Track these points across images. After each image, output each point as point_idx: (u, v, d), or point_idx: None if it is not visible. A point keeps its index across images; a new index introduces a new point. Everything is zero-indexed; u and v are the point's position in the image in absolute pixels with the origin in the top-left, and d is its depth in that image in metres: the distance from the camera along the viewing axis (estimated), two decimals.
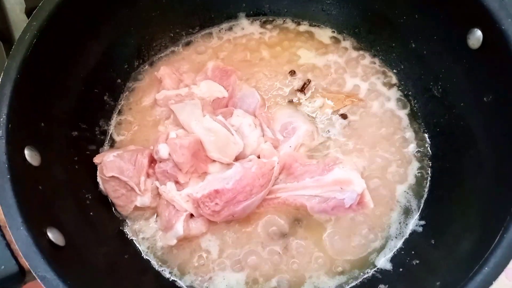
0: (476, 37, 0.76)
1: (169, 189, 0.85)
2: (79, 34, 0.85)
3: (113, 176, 0.85)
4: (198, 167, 0.85)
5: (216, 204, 0.82)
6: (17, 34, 1.06)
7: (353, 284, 0.84)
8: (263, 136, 0.92)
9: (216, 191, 0.81)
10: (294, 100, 0.99)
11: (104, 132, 0.96)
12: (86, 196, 0.85)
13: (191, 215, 0.85)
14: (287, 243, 0.86)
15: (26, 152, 0.71)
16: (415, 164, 0.93)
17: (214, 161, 0.87)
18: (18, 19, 1.10)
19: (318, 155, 0.93)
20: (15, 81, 0.71)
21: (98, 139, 0.94)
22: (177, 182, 0.86)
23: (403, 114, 0.97)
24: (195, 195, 0.83)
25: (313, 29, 1.06)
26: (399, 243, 0.86)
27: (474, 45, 0.77)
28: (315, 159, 0.92)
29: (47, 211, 0.72)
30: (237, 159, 0.88)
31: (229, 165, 0.86)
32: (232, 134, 0.87)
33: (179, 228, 0.83)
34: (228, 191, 0.81)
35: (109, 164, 0.86)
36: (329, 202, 0.85)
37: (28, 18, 0.98)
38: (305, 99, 0.99)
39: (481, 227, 0.71)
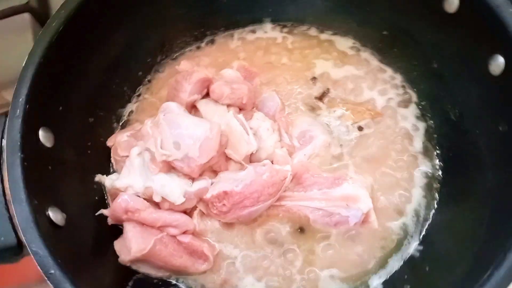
0: (498, 63, 0.73)
1: None
2: (104, 25, 0.87)
3: (127, 156, 0.86)
4: (221, 162, 0.86)
5: (224, 205, 0.83)
6: None
7: None
8: (280, 141, 0.91)
9: (225, 193, 0.82)
10: (313, 108, 0.98)
11: (120, 120, 0.99)
12: (94, 181, 0.88)
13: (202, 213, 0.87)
14: (286, 250, 0.86)
15: (41, 133, 0.74)
16: (424, 187, 0.90)
17: (231, 159, 0.87)
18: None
19: (330, 167, 0.92)
20: (38, 64, 0.74)
21: (113, 127, 0.98)
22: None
23: (417, 134, 0.94)
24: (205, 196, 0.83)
25: (335, 38, 1.05)
26: (396, 266, 0.84)
27: (495, 71, 0.74)
28: (326, 171, 0.90)
29: (52, 190, 0.75)
30: (252, 161, 0.88)
31: (242, 166, 0.86)
32: (248, 134, 0.87)
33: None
34: (236, 194, 0.82)
35: (123, 144, 0.88)
36: (332, 218, 0.85)
37: None
38: (325, 109, 0.98)
39: (475, 259, 0.69)
